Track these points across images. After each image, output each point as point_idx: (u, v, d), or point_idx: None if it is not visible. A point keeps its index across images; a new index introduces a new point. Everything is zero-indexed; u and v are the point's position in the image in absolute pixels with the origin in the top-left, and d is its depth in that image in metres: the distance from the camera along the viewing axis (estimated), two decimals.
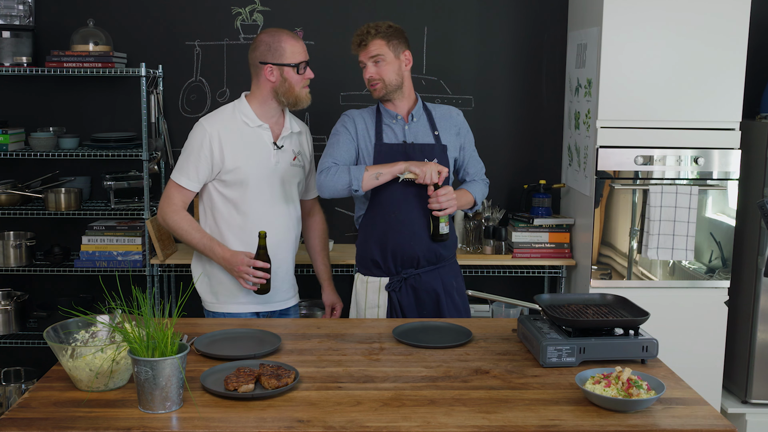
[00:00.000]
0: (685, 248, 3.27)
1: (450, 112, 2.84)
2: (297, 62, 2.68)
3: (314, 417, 1.73)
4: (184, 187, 2.69)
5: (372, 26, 2.70)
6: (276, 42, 2.67)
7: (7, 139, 3.46)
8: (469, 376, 1.98)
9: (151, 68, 3.55)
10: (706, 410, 1.80)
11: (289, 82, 2.69)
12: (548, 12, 3.79)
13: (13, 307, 3.59)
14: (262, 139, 2.72)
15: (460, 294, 2.82)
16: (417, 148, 2.71)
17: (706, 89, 3.27)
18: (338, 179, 2.62)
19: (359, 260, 2.83)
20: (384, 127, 2.74)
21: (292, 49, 2.67)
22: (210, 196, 2.74)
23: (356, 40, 2.71)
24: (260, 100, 2.73)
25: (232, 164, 2.67)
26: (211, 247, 2.67)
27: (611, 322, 2.11)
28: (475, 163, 2.89)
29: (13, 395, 3.59)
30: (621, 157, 3.30)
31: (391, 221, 2.70)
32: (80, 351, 1.82)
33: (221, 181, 2.70)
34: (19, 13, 3.57)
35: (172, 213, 2.69)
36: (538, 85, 3.85)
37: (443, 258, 2.78)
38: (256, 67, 2.70)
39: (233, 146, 2.67)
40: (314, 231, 3.05)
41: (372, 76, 2.69)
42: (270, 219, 2.73)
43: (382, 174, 2.60)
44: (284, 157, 2.76)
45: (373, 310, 2.76)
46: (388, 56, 2.68)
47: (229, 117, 2.72)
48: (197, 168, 2.67)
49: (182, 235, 2.70)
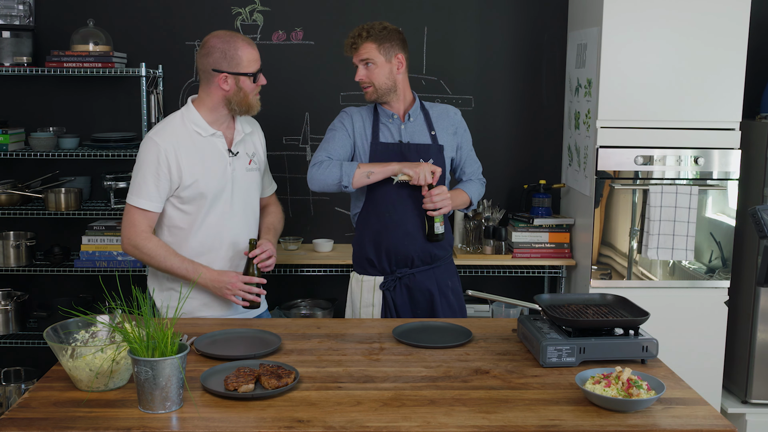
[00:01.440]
0: (685, 248, 3.27)
1: (447, 111, 2.83)
2: (254, 71, 2.53)
3: (314, 417, 1.73)
4: (148, 209, 2.49)
5: (365, 28, 2.67)
6: (232, 50, 2.49)
7: (7, 139, 3.46)
8: (469, 376, 1.98)
9: (151, 68, 3.55)
10: (706, 410, 1.80)
11: (244, 91, 2.53)
12: (548, 12, 3.79)
13: (13, 307, 3.59)
14: (217, 148, 2.56)
15: (456, 293, 2.82)
16: (413, 148, 2.71)
17: (706, 89, 3.27)
18: (329, 173, 2.61)
19: (355, 258, 2.83)
20: (381, 126, 2.74)
21: (248, 58, 2.52)
22: (166, 213, 2.56)
23: (348, 42, 2.69)
24: (210, 107, 2.56)
25: (189, 179, 2.50)
26: (195, 269, 2.50)
27: (611, 322, 2.11)
28: (472, 162, 2.89)
29: (13, 395, 3.59)
30: (621, 157, 3.30)
31: (385, 221, 2.71)
32: (80, 351, 1.82)
33: (178, 197, 2.53)
34: (19, 13, 3.57)
35: (144, 240, 2.49)
36: (538, 85, 3.85)
37: (438, 258, 2.78)
38: (207, 74, 2.52)
39: (189, 160, 2.50)
40: (268, 216, 2.82)
41: (362, 79, 2.68)
42: (230, 230, 2.60)
43: (374, 173, 2.60)
44: (240, 164, 2.62)
45: (367, 309, 2.76)
46: (378, 60, 2.65)
47: (180, 128, 2.53)
48: (158, 187, 2.48)
49: (159, 263, 2.50)
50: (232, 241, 2.60)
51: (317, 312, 3.67)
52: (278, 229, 2.82)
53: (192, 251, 2.57)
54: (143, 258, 2.52)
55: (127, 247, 2.53)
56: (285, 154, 3.81)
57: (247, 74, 2.52)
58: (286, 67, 3.75)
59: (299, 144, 3.81)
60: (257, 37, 3.72)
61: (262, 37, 3.73)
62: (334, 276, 3.77)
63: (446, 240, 2.78)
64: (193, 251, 2.57)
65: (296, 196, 3.84)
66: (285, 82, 3.74)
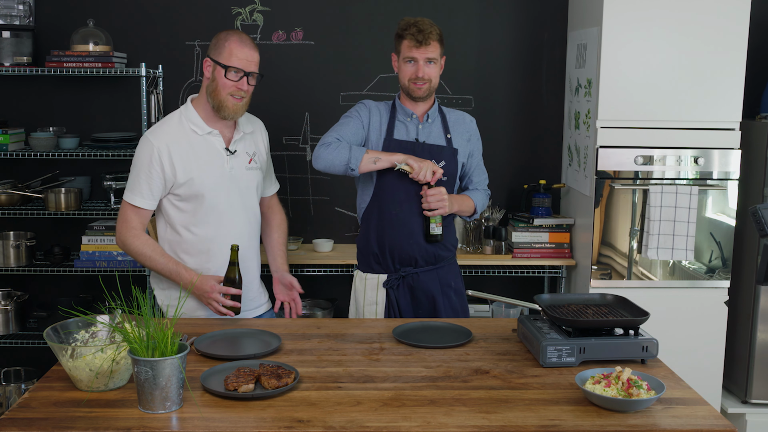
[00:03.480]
0: (685, 248, 3.27)
1: (464, 117, 2.84)
2: (230, 65, 2.48)
3: (314, 417, 1.73)
4: (140, 207, 2.52)
5: (432, 25, 2.64)
6: (222, 40, 2.51)
7: (7, 139, 3.46)
8: (469, 376, 1.98)
9: (151, 68, 3.55)
10: (706, 410, 1.80)
11: (216, 83, 2.50)
12: (548, 12, 3.79)
13: (13, 307, 3.59)
14: (214, 146, 2.57)
15: (459, 294, 2.82)
16: (426, 148, 2.71)
17: (706, 89, 3.27)
18: (338, 154, 2.60)
19: (359, 255, 2.83)
20: (397, 123, 2.73)
21: (233, 51, 2.49)
22: (166, 211, 2.59)
23: (416, 36, 2.60)
24: (203, 103, 2.57)
25: (184, 177, 2.51)
26: (177, 271, 2.51)
27: (611, 322, 2.11)
28: (480, 172, 2.88)
29: (13, 395, 3.59)
30: (621, 157, 3.30)
31: (391, 219, 2.71)
32: (80, 351, 1.82)
33: (175, 195, 2.55)
34: (19, 13, 3.57)
35: (133, 238, 2.53)
36: (538, 85, 3.85)
37: (442, 259, 2.78)
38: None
39: (183, 158, 2.51)
40: (273, 226, 2.87)
41: (424, 76, 2.65)
42: (229, 230, 2.60)
43: (381, 160, 2.60)
44: (239, 163, 2.62)
45: (371, 307, 2.76)
46: (439, 60, 2.68)
47: (176, 127, 2.56)
48: (150, 185, 2.51)
49: (145, 261, 2.53)
50: (232, 239, 2.61)
51: (317, 312, 3.67)
52: (285, 242, 2.88)
53: (192, 249, 2.59)
54: (131, 255, 2.56)
55: (118, 242, 2.59)
56: (285, 154, 3.81)
57: (221, 64, 2.49)
58: (286, 67, 3.75)
59: (299, 144, 3.82)
60: (257, 37, 3.72)
61: (262, 37, 3.73)
62: (334, 276, 3.77)
63: (449, 241, 2.78)
64: (192, 249, 2.59)
65: (296, 196, 3.84)
66: (285, 82, 3.74)
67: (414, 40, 2.62)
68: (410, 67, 2.66)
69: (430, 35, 2.62)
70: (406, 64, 2.67)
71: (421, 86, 2.67)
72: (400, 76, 2.71)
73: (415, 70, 2.65)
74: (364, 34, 3.76)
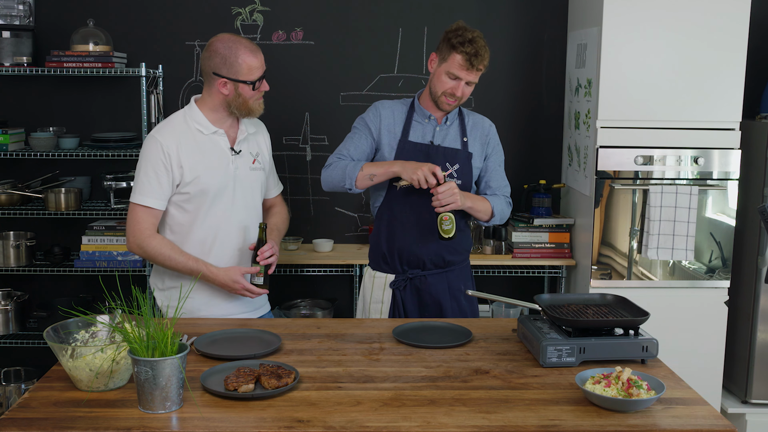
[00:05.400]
0: (685, 248, 3.27)
1: (483, 121, 2.79)
2: (254, 79, 2.51)
3: (314, 417, 1.73)
4: (152, 207, 2.50)
5: (486, 49, 2.56)
6: (233, 57, 2.48)
7: (7, 139, 3.46)
8: (469, 376, 1.98)
9: (151, 68, 3.55)
10: (706, 410, 1.80)
11: (243, 97, 2.53)
12: (548, 12, 3.79)
13: (13, 307, 3.59)
14: (219, 145, 2.57)
15: (468, 298, 2.77)
16: (441, 151, 2.67)
17: (706, 89, 3.27)
18: (335, 175, 2.61)
19: (371, 252, 2.81)
20: (414, 123, 2.70)
21: (249, 65, 2.50)
22: (167, 212, 2.57)
23: (471, 59, 2.53)
24: (212, 107, 2.57)
25: (190, 176, 2.50)
26: (198, 268, 2.51)
27: (611, 322, 2.11)
28: (499, 178, 2.78)
29: (13, 395, 3.59)
30: (621, 157, 3.30)
31: (401, 220, 2.69)
32: (80, 351, 1.82)
33: (180, 194, 2.53)
34: (19, 13, 3.57)
35: (148, 238, 2.49)
36: (538, 85, 3.85)
37: (452, 263, 2.74)
38: (209, 76, 2.53)
39: (190, 157, 2.51)
40: (273, 214, 2.83)
41: (462, 95, 2.60)
42: (232, 229, 2.60)
43: (377, 175, 2.58)
44: (243, 162, 2.62)
45: (377, 306, 2.76)
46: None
47: (182, 126, 2.54)
48: (160, 184, 2.49)
49: (164, 261, 2.51)
50: (234, 239, 2.61)
51: (317, 312, 3.67)
52: (282, 230, 2.83)
53: (193, 249, 2.58)
54: (148, 257, 2.53)
55: (132, 246, 2.53)
56: (285, 154, 3.81)
57: (246, 82, 2.51)
58: (286, 67, 3.75)
59: (299, 144, 3.82)
60: (257, 37, 3.72)
61: (262, 37, 3.73)
62: (334, 276, 3.78)
63: (460, 244, 2.74)
64: (194, 249, 2.58)
65: (296, 196, 3.84)
66: (285, 82, 3.74)
67: (467, 61, 2.53)
68: (451, 82, 2.58)
69: (483, 60, 2.55)
70: (448, 79, 2.59)
71: (452, 102, 2.62)
72: (436, 83, 2.61)
73: (454, 87, 2.58)
74: (364, 34, 3.76)
